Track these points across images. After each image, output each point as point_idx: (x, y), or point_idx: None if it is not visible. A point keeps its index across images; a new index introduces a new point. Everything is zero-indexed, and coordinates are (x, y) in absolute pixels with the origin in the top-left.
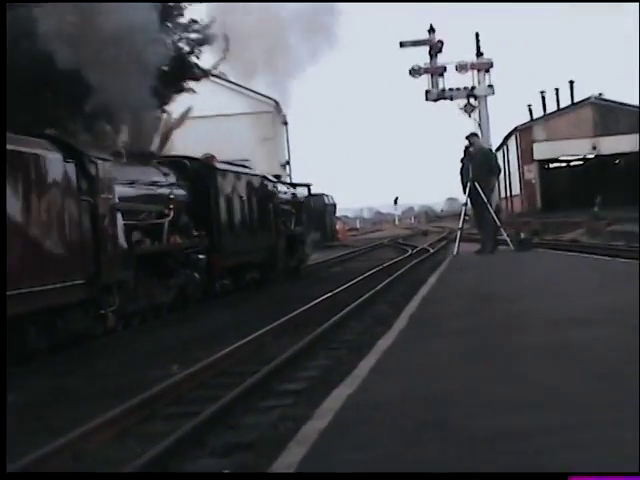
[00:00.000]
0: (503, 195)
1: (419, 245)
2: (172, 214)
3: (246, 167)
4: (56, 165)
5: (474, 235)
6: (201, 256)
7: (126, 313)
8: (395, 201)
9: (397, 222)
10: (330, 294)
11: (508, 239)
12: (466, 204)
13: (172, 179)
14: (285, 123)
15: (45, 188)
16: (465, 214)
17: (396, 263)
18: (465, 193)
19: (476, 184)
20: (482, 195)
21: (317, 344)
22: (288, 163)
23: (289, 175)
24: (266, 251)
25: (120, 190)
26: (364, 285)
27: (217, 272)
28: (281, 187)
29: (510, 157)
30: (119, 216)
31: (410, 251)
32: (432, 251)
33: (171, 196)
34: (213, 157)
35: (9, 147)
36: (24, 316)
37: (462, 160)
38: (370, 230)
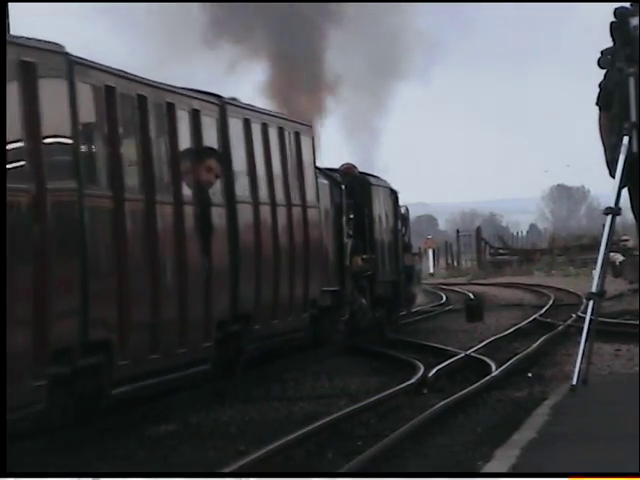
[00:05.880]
0: None
1: None
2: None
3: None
4: None
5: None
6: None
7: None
8: None
9: None
10: None
11: None
12: (615, 213)
13: (344, 196)
14: None
15: None
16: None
17: None
18: (614, 175)
19: None
20: None
21: None
22: None
23: None
24: (392, 285)
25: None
26: None
27: (373, 303)
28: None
29: None
30: None
31: None
32: None
33: (351, 216)
34: (355, 167)
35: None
36: None
37: (605, 83)
38: None
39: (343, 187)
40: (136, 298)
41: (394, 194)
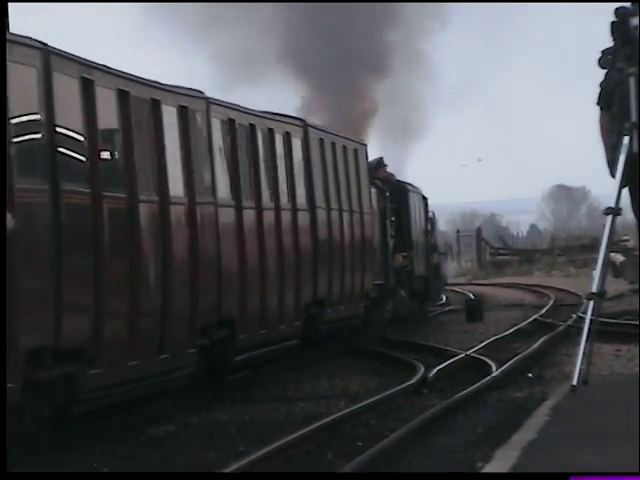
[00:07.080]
0: None
1: None
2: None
3: (413, 185)
4: None
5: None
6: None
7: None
8: None
9: None
10: None
11: None
12: (615, 213)
13: (387, 201)
14: None
15: None
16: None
17: None
18: (615, 175)
19: None
20: None
21: None
22: None
23: None
24: (425, 279)
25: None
26: None
27: (410, 295)
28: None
29: None
30: None
31: None
32: None
33: (393, 218)
34: (393, 175)
35: None
36: None
37: (605, 83)
38: None
39: (387, 194)
40: (251, 287)
41: (425, 200)
